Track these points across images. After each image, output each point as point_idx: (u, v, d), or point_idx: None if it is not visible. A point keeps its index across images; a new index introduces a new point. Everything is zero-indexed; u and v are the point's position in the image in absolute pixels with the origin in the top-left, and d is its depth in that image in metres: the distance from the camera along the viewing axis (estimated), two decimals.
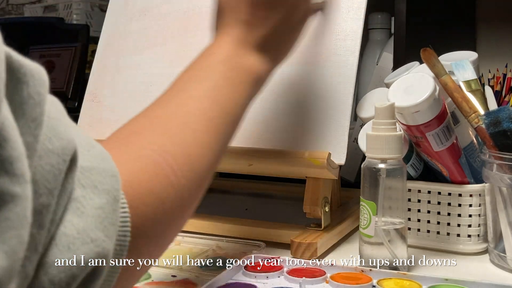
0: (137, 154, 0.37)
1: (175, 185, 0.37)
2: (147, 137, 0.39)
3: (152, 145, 0.38)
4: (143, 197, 0.34)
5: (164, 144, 0.38)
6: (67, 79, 1.06)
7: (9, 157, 0.23)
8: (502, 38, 1.06)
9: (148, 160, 0.37)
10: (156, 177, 0.36)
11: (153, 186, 0.35)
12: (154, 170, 0.36)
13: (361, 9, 0.67)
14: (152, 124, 0.41)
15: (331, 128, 0.64)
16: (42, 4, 1.41)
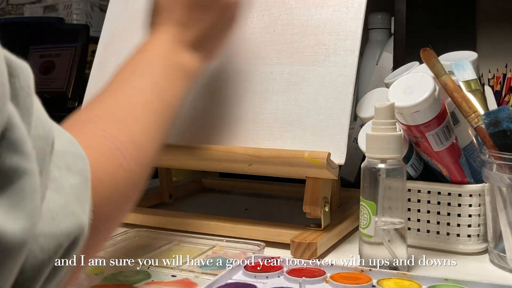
0: (93, 140, 0.41)
1: (125, 167, 0.41)
2: (99, 126, 0.43)
3: (104, 133, 0.42)
4: (101, 178, 0.38)
5: (115, 133, 0.43)
6: (67, 79, 1.06)
7: (19, 139, 0.26)
8: (502, 38, 1.06)
9: (102, 146, 0.41)
10: (109, 160, 0.40)
11: (108, 168, 0.39)
12: (108, 154, 0.40)
13: (361, 9, 0.67)
14: (103, 113, 0.46)
15: (331, 127, 0.64)
16: (42, 4, 1.41)
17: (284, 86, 0.68)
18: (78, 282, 0.53)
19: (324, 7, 0.70)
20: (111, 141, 0.42)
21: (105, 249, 0.62)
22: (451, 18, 0.99)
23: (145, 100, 0.49)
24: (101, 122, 0.44)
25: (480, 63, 0.68)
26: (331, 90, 0.65)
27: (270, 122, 0.67)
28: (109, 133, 0.42)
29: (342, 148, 0.62)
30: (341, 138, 0.63)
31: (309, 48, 0.68)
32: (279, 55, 0.69)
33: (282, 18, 0.71)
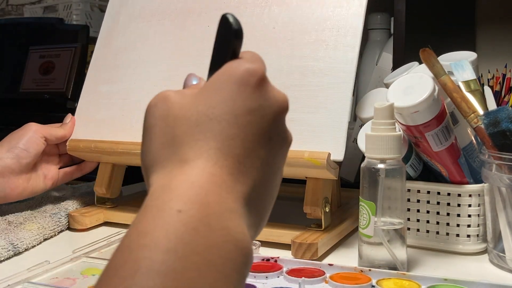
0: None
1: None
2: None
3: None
4: None
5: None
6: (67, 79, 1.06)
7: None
8: (501, 38, 1.06)
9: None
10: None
11: None
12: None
13: (361, 6, 0.67)
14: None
15: (330, 123, 0.64)
16: (42, 4, 1.41)
17: (283, 82, 0.68)
18: (76, 283, 0.53)
19: (324, 4, 0.70)
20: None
21: (102, 249, 0.62)
22: (450, 19, 0.99)
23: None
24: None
25: (480, 64, 0.68)
26: (331, 87, 0.65)
27: None
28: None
29: (341, 144, 0.62)
30: (340, 133, 0.63)
31: (309, 44, 0.68)
32: (278, 52, 0.69)
33: (282, 15, 0.71)
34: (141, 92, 0.77)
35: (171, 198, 0.28)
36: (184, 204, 0.28)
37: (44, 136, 0.77)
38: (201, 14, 0.77)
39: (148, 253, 0.26)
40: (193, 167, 0.30)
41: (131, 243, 0.27)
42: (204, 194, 0.29)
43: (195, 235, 0.27)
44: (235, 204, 0.30)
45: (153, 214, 0.28)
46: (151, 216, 0.28)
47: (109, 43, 0.83)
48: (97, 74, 0.82)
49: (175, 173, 0.30)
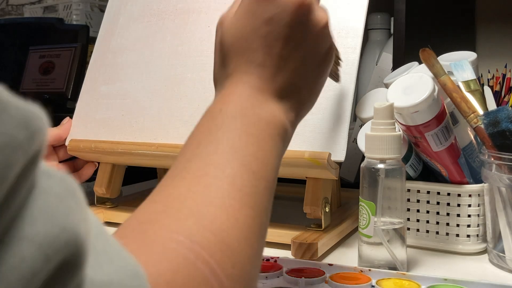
0: (160, 251, 0.26)
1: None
2: (166, 225, 0.29)
3: (177, 235, 0.28)
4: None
5: (192, 233, 0.28)
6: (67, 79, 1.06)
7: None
8: (501, 38, 1.06)
9: (176, 258, 0.27)
10: (192, 283, 0.26)
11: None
12: (189, 273, 0.27)
13: (362, 7, 0.67)
14: (167, 207, 0.31)
15: (331, 124, 0.64)
16: (42, 4, 1.41)
17: None
18: None
19: (325, 5, 0.69)
20: (187, 247, 0.27)
21: None
22: (450, 19, 0.99)
23: (227, 176, 0.33)
24: (167, 219, 0.29)
25: (480, 64, 0.68)
26: (332, 88, 0.65)
27: None
28: (183, 233, 0.28)
29: (342, 145, 0.62)
30: (341, 134, 0.63)
31: None
32: None
33: None
34: (141, 92, 0.77)
35: (217, 101, 0.40)
36: (224, 104, 0.39)
37: None
38: (201, 14, 0.77)
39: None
40: (232, 80, 0.41)
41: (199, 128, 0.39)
42: (239, 94, 0.40)
43: (234, 121, 0.38)
44: (264, 97, 0.40)
45: (205, 116, 0.40)
46: (205, 118, 0.40)
47: (109, 43, 0.83)
48: (96, 74, 0.82)
49: (223, 85, 0.42)
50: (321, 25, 0.43)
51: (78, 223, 0.19)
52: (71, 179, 0.21)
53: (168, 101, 0.74)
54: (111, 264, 0.21)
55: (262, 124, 0.38)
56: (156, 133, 0.73)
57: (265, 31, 0.40)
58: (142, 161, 0.74)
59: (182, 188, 0.32)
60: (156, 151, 0.71)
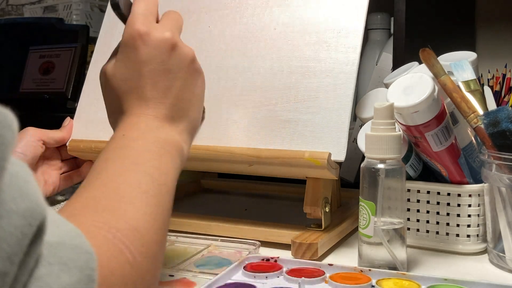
0: (85, 232, 0.31)
1: (132, 262, 0.34)
2: (87, 216, 0.36)
3: (96, 222, 0.35)
4: (107, 279, 0.31)
5: (108, 220, 0.35)
6: (67, 79, 1.06)
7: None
8: (501, 38, 1.06)
9: (98, 237, 0.33)
10: (112, 255, 0.33)
11: (113, 266, 0.32)
12: (109, 249, 0.33)
13: (363, 6, 0.67)
14: (86, 205, 0.38)
15: (331, 124, 0.64)
16: (42, 4, 1.41)
17: (284, 83, 0.68)
18: None
19: (325, 5, 0.70)
20: (107, 230, 0.34)
21: None
22: (450, 19, 0.99)
23: (133, 182, 0.41)
24: (88, 213, 0.36)
25: (480, 64, 0.68)
26: (332, 88, 0.65)
27: (269, 119, 0.67)
28: (101, 221, 0.35)
29: (342, 145, 0.62)
30: (342, 134, 0.63)
31: (309, 45, 0.68)
32: (279, 53, 0.69)
33: (283, 16, 0.71)
34: None
35: (119, 129, 0.47)
36: (125, 130, 0.46)
37: (42, 140, 0.77)
38: (202, 14, 0.77)
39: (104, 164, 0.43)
40: (129, 114, 0.48)
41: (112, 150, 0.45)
42: (137, 122, 0.47)
43: (135, 142, 0.45)
44: (159, 123, 0.47)
45: (110, 142, 0.46)
46: (109, 143, 0.46)
47: (109, 43, 0.83)
48: (97, 74, 0.82)
49: (121, 121, 0.48)
50: (191, 54, 0.51)
51: (42, 198, 0.25)
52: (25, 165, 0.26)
53: None
54: (58, 228, 0.27)
55: (160, 143, 0.46)
56: None
57: (147, 70, 0.47)
58: None
59: (96, 192, 0.39)
60: None
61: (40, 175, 0.78)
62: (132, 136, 0.45)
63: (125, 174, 0.41)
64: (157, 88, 0.48)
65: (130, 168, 0.42)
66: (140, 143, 0.45)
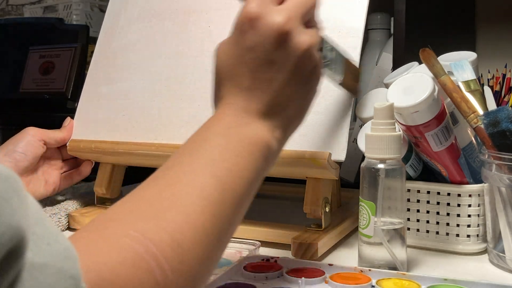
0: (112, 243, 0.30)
1: (160, 282, 0.31)
2: (128, 223, 0.33)
3: (132, 232, 0.32)
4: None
5: (148, 231, 0.32)
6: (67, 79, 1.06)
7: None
8: (501, 38, 1.06)
9: (126, 250, 0.30)
10: (136, 273, 0.30)
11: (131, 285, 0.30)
12: (134, 263, 0.30)
13: (363, 7, 0.67)
14: (135, 207, 0.35)
15: (331, 124, 0.64)
16: (42, 4, 1.41)
17: None
18: None
19: (325, 4, 0.69)
20: (140, 242, 0.31)
21: None
22: (450, 19, 0.99)
23: (197, 185, 0.37)
24: (130, 218, 0.34)
25: (480, 64, 0.68)
26: (332, 87, 0.65)
27: None
28: (139, 231, 0.32)
29: (342, 145, 0.62)
30: (342, 134, 0.63)
31: None
32: None
33: None
34: (141, 92, 0.77)
35: (209, 120, 0.44)
36: (213, 122, 0.44)
37: (43, 140, 0.77)
38: (202, 14, 0.77)
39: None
40: (223, 102, 0.45)
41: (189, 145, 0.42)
42: (227, 114, 0.44)
43: (218, 137, 0.42)
44: (249, 117, 0.44)
45: (197, 132, 0.44)
46: (196, 133, 0.43)
47: (109, 43, 0.83)
48: (97, 74, 0.82)
49: (217, 106, 0.46)
50: (303, 47, 0.44)
51: (21, 219, 0.23)
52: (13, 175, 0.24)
53: (169, 101, 0.74)
54: (48, 246, 0.25)
55: (244, 142, 0.42)
56: (157, 133, 0.73)
57: (249, 58, 0.44)
58: (142, 161, 0.74)
59: (154, 192, 0.36)
60: (156, 151, 0.71)
61: (40, 174, 0.78)
62: (215, 130, 0.43)
63: (191, 175, 0.38)
64: (256, 79, 0.44)
65: (199, 168, 0.39)
66: (220, 139, 0.42)
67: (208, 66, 0.73)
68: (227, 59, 0.45)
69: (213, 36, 0.74)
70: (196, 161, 0.39)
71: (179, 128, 0.71)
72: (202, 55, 0.74)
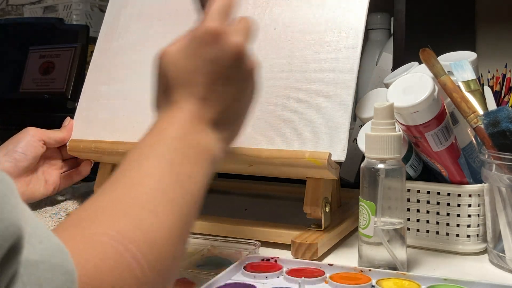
0: (93, 241, 0.31)
1: (140, 278, 0.32)
2: (103, 222, 0.34)
3: (110, 231, 0.33)
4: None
5: (124, 230, 0.34)
6: (67, 79, 1.06)
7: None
8: (501, 38, 1.06)
9: (106, 249, 0.32)
10: (117, 269, 0.31)
11: (114, 281, 0.31)
12: (115, 261, 0.31)
13: (363, 7, 0.67)
14: (107, 207, 0.36)
15: (331, 125, 0.64)
16: (42, 4, 1.41)
17: (284, 83, 0.68)
18: None
19: (325, 5, 0.70)
20: (119, 241, 0.33)
21: None
22: (450, 19, 0.99)
23: (162, 187, 0.39)
24: (105, 217, 0.35)
25: (480, 64, 0.68)
26: (332, 87, 0.65)
27: (270, 119, 0.67)
28: (116, 230, 0.33)
29: (342, 145, 0.62)
30: (342, 134, 0.63)
31: (310, 45, 0.68)
32: (279, 52, 0.69)
33: (283, 16, 0.71)
34: (141, 92, 0.77)
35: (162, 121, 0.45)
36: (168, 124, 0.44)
37: (42, 140, 0.77)
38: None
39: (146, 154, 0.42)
40: (176, 107, 0.45)
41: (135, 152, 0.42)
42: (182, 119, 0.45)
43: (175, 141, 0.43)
44: (202, 125, 0.45)
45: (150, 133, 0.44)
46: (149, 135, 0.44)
47: (109, 43, 0.83)
48: (97, 74, 0.82)
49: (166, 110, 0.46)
50: (252, 68, 0.49)
51: (19, 217, 0.24)
52: (7, 177, 0.25)
53: None
54: (40, 245, 0.26)
55: (199, 148, 0.44)
56: None
57: (208, 69, 0.46)
58: None
59: (121, 193, 0.38)
60: None
61: (41, 174, 0.78)
62: (172, 133, 0.43)
63: (154, 177, 0.39)
64: (213, 91, 0.46)
65: (161, 171, 0.40)
66: (179, 143, 0.43)
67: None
68: (183, 67, 0.46)
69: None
70: (157, 164, 0.40)
71: None
72: None
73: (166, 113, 0.46)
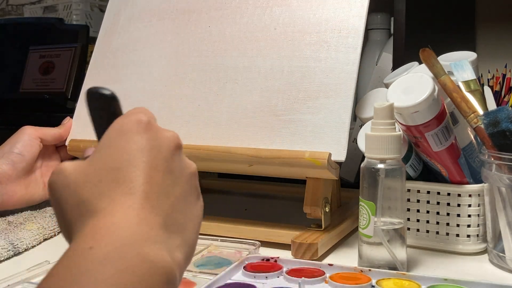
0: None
1: None
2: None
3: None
4: None
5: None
6: (67, 79, 1.06)
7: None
8: (501, 38, 1.06)
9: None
10: None
11: None
12: None
13: (363, 7, 0.67)
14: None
15: (331, 125, 0.64)
16: (42, 4, 1.41)
17: (284, 83, 0.68)
18: None
19: (325, 5, 0.70)
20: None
21: None
22: (450, 19, 0.99)
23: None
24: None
25: (480, 64, 0.68)
26: (332, 87, 0.65)
27: (270, 119, 0.67)
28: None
29: (342, 145, 0.62)
30: (342, 134, 0.63)
31: (310, 45, 0.68)
32: (279, 52, 0.69)
33: (283, 16, 0.71)
34: (141, 92, 0.77)
35: (86, 236, 0.31)
36: (96, 240, 0.30)
37: (39, 137, 0.76)
38: (202, 14, 0.77)
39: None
40: (105, 214, 0.32)
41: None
42: (115, 225, 0.31)
43: (105, 266, 0.29)
44: (150, 230, 0.33)
45: (68, 254, 0.31)
46: (65, 256, 0.31)
47: (109, 43, 0.83)
48: (97, 74, 0.82)
49: (87, 223, 0.32)
50: (192, 169, 0.39)
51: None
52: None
53: (169, 101, 0.74)
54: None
55: (144, 268, 0.30)
56: None
57: (144, 160, 0.35)
58: None
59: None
60: None
61: (39, 177, 0.78)
62: (103, 250, 0.30)
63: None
64: (153, 184, 0.34)
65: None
66: (111, 268, 0.29)
67: (207, 66, 0.73)
68: (106, 166, 0.35)
69: (213, 36, 0.75)
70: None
71: (179, 128, 0.71)
72: (202, 55, 0.74)
73: (89, 229, 0.32)
